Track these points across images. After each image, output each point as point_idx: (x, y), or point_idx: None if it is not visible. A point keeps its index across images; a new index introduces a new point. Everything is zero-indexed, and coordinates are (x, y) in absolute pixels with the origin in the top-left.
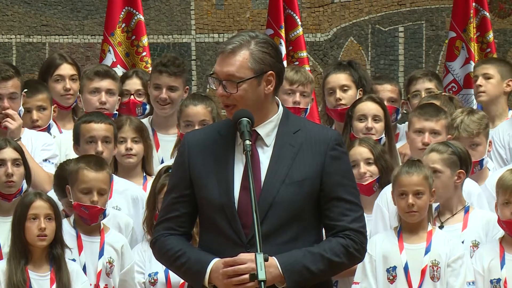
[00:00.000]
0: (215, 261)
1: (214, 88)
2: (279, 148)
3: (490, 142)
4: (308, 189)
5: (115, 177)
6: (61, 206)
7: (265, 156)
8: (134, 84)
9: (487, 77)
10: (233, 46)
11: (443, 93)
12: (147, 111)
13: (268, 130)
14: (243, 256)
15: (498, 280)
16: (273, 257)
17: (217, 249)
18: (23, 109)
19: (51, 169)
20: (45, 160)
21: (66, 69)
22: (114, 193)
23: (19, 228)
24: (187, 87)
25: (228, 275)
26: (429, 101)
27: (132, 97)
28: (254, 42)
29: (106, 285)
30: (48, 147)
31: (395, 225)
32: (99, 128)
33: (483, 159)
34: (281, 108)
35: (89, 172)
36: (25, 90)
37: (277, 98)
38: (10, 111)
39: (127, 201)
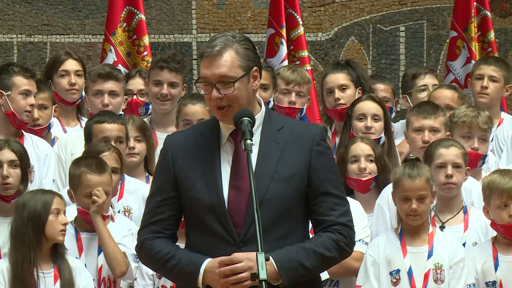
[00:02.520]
0: (208, 261)
1: (204, 94)
2: (265, 146)
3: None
4: (296, 185)
5: (126, 177)
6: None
7: (252, 154)
8: (137, 84)
9: (493, 79)
10: (219, 47)
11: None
12: (150, 111)
13: (254, 128)
14: (238, 255)
15: (494, 282)
16: (267, 254)
17: (208, 249)
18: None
19: (53, 186)
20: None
21: (71, 65)
22: (125, 193)
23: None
24: (185, 84)
25: (225, 274)
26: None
27: (134, 97)
28: (236, 41)
29: (110, 278)
30: (51, 161)
31: (395, 226)
32: (112, 128)
33: (486, 155)
34: (263, 106)
35: (93, 176)
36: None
37: (258, 96)
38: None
39: (138, 200)
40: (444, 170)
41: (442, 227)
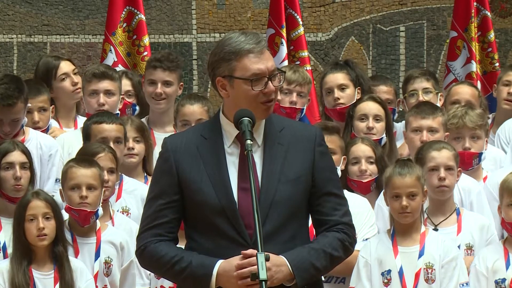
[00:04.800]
0: (220, 263)
1: (256, 89)
2: (270, 148)
3: (486, 141)
4: (303, 186)
5: (124, 177)
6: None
7: (257, 156)
8: (123, 85)
9: None
10: (263, 42)
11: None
12: (136, 112)
13: (258, 129)
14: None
15: (503, 280)
16: (281, 256)
17: (218, 251)
18: (26, 119)
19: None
20: (57, 180)
21: (66, 66)
22: (123, 193)
23: (19, 229)
24: (181, 83)
25: (243, 277)
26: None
27: None
28: None
29: (105, 285)
30: (55, 161)
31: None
32: (111, 129)
33: (482, 153)
34: None
35: (78, 169)
36: (29, 104)
37: None
38: None
39: (136, 201)
40: (437, 173)
41: (435, 230)
